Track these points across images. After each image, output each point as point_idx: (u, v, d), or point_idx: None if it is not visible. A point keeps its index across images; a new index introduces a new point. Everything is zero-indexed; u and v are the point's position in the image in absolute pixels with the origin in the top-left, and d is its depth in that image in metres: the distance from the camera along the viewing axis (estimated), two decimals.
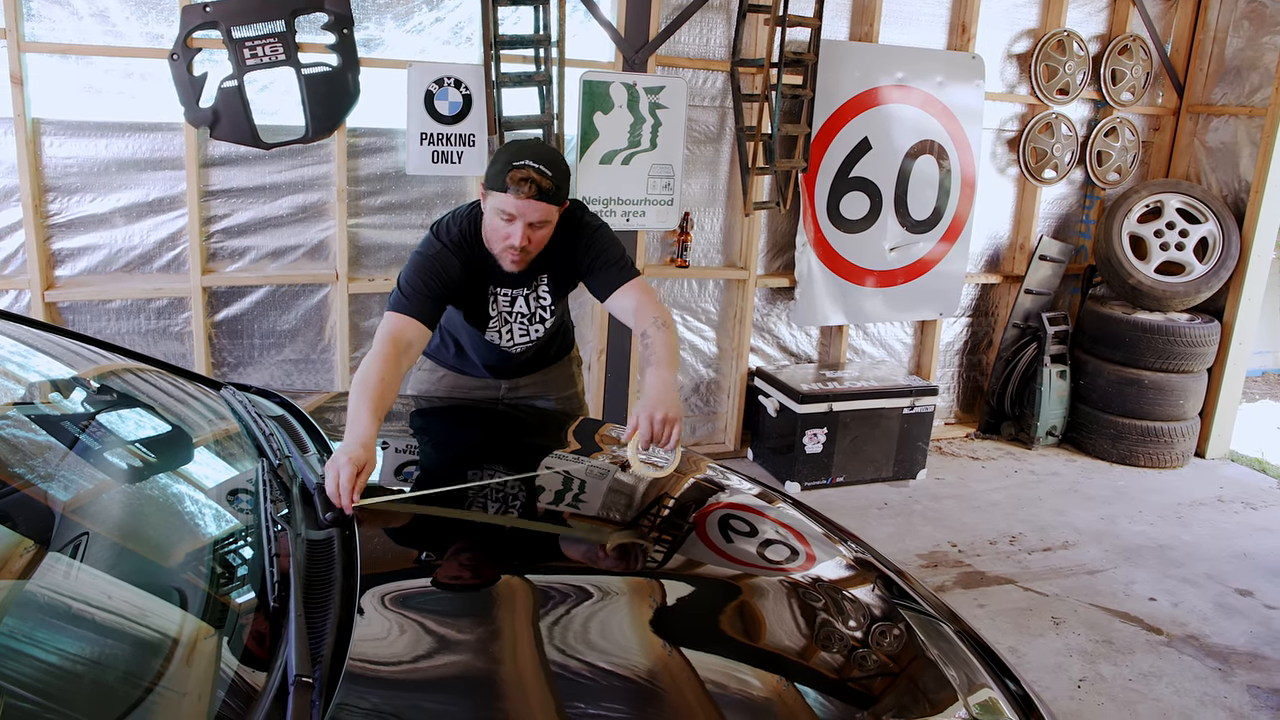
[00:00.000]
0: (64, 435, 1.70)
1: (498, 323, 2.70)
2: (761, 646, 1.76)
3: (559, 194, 2.39)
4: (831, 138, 4.74)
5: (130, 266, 3.85)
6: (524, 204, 2.35)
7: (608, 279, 2.58)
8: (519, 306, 2.69)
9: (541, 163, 2.36)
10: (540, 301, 2.69)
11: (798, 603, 1.94)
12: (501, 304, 2.67)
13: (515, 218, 2.38)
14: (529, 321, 2.72)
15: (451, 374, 2.94)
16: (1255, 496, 5.04)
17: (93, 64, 3.62)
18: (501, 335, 2.73)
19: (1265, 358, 7.65)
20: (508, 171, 2.34)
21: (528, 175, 2.33)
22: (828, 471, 4.77)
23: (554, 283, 2.68)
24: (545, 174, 2.35)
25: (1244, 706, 3.20)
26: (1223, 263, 5.25)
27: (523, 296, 2.67)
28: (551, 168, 2.37)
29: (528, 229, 2.39)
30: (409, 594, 1.61)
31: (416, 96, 3.96)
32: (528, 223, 2.38)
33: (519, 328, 2.73)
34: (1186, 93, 5.57)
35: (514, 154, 2.37)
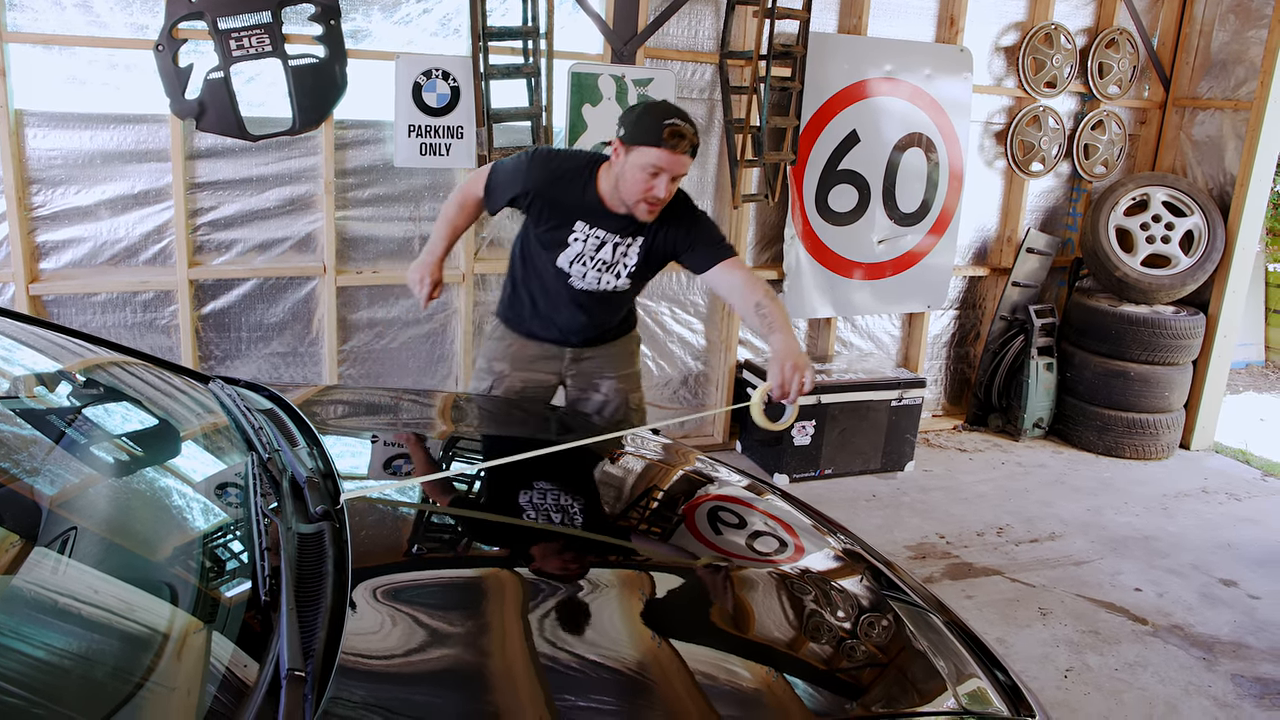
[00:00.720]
0: (50, 429, 1.68)
1: (573, 254, 2.85)
2: (751, 638, 1.77)
3: (695, 151, 2.64)
4: (820, 130, 4.75)
5: (116, 259, 3.82)
6: (675, 158, 2.59)
7: (712, 254, 2.79)
8: (603, 253, 2.84)
9: (684, 119, 2.60)
10: (625, 259, 2.85)
11: (787, 594, 1.95)
12: (587, 243, 2.84)
13: (662, 171, 2.60)
14: (605, 269, 2.86)
15: (519, 340, 3.08)
16: (1239, 487, 5.08)
17: (76, 55, 3.59)
18: (573, 268, 2.87)
19: (1249, 350, 7.71)
20: (662, 128, 2.56)
21: (682, 131, 2.57)
22: (816, 464, 4.78)
23: (645, 250, 2.84)
24: (690, 130, 2.60)
25: (1228, 695, 3.23)
26: (1208, 256, 5.28)
27: (611, 244, 2.83)
28: (691, 124, 2.61)
29: (670, 183, 2.63)
30: (401, 587, 1.61)
31: (404, 88, 3.95)
32: (671, 176, 2.62)
33: (594, 272, 2.86)
34: (1173, 86, 5.59)
35: (661, 112, 2.61)
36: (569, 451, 2.45)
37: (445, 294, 4.35)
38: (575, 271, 2.88)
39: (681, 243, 2.81)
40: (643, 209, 2.70)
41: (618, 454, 2.53)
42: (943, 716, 1.69)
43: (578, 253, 2.85)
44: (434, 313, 4.36)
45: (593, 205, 2.79)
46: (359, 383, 4.30)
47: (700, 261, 2.81)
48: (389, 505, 1.90)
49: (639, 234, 2.81)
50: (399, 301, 4.29)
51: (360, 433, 2.40)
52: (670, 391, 4.97)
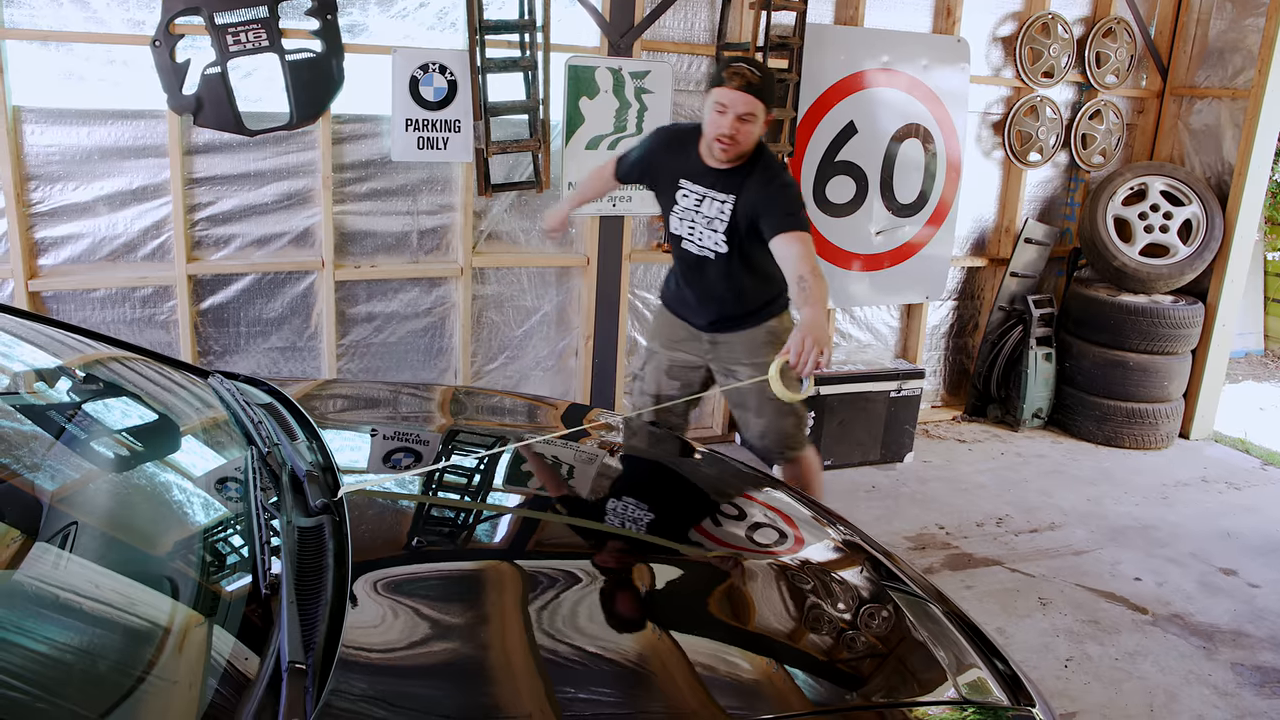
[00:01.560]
0: (50, 425, 1.69)
1: (681, 211, 3.12)
2: (750, 629, 1.77)
3: (764, 91, 2.85)
4: (817, 122, 4.74)
5: (114, 255, 3.82)
6: (734, 95, 2.82)
7: (779, 222, 2.92)
8: (703, 208, 3.07)
9: (752, 65, 2.88)
10: (722, 215, 3.04)
11: (787, 586, 1.95)
12: (689, 198, 3.09)
13: (727, 109, 2.85)
14: (708, 226, 3.07)
15: (667, 316, 3.40)
16: (1238, 476, 5.09)
17: (73, 51, 3.59)
18: (682, 227, 3.14)
19: (1248, 339, 7.71)
20: (724, 68, 2.86)
21: (739, 70, 2.83)
22: None
23: (737, 207, 3.01)
24: (754, 71, 2.84)
25: (1228, 684, 3.24)
26: (1206, 245, 5.28)
27: (709, 199, 3.05)
28: (759, 69, 2.87)
29: (736, 121, 2.85)
30: (401, 580, 1.61)
31: (401, 82, 3.94)
32: (737, 115, 2.84)
33: (701, 227, 3.10)
34: (1170, 75, 5.58)
35: (733, 58, 2.94)
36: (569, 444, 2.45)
37: (444, 287, 4.35)
38: (685, 233, 3.14)
39: (760, 205, 2.95)
40: (717, 149, 2.92)
41: (618, 445, 2.54)
42: (943, 706, 1.70)
43: (684, 209, 3.11)
44: (433, 306, 4.36)
45: (695, 163, 3.06)
46: (358, 377, 4.30)
47: (768, 227, 2.93)
48: (389, 498, 1.90)
49: (731, 191, 3.00)
50: (398, 295, 4.30)
51: (360, 426, 2.40)
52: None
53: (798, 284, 2.84)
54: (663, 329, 3.43)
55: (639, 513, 2.14)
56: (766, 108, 2.89)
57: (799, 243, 2.89)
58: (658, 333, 3.47)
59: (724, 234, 3.05)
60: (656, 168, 3.19)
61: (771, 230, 2.92)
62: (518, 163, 4.29)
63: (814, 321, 2.69)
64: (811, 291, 2.78)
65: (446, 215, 4.30)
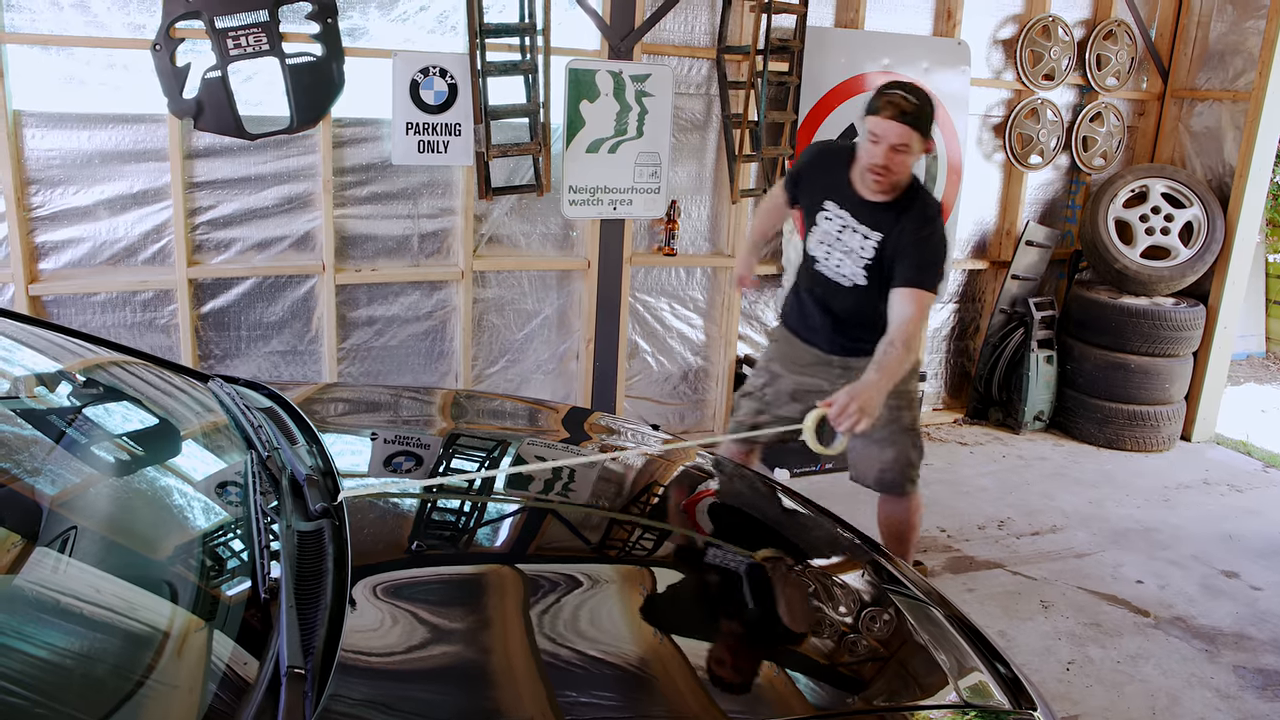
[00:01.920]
0: (50, 429, 1.68)
1: (821, 234, 3.02)
2: (752, 633, 1.77)
3: (919, 120, 2.70)
4: (818, 124, 4.74)
5: (115, 259, 3.82)
6: (887, 125, 2.70)
7: (910, 275, 2.80)
8: (846, 237, 2.96)
9: (908, 92, 2.72)
10: (864, 251, 2.92)
11: (789, 589, 1.95)
12: (832, 223, 2.99)
13: (880, 139, 2.73)
14: (848, 256, 2.97)
15: (790, 339, 3.26)
16: (1240, 479, 5.08)
17: (74, 55, 3.59)
18: (819, 249, 3.04)
19: (1250, 341, 7.70)
20: (879, 97, 2.73)
21: (893, 98, 2.70)
22: (816, 458, 4.77)
23: (884, 246, 2.88)
24: (909, 100, 2.70)
25: (1230, 687, 3.23)
26: (1207, 247, 5.27)
27: (853, 230, 2.94)
28: (915, 95, 2.72)
29: (890, 151, 2.72)
30: (401, 584, 1.61)
31: (402, 86, 3.94)
32: (890, 145, 2.71)
33: (840, 255, 2.99)
34: (1171, 77, 5.58)
35: (887, 85, 2.77)
36: (568, 450, 2.45)
37: (444, 291, 4.35)
38: (820, 255, 3.04)
39: (901, 251, 2.83)
40: (870, 179, 2.81)
41: (620, 449, 2.53)
42: (944, 710, 1.70)
43: (825, 233, 3.01)
44: (433, 310, 4.36)
45: (844, 188, 2.94)
46: (359, 380, 4.30)
47: (898, 274, 2.82)
48: (389, 502, 1.90)
49: (879, 229, 2.88)
50: (398, 299, 4.29)
51: (360, 430, 2.40)
52: (670, 387, 4.97)
53: (886, 344, 2.75)
54: (785, 352, 3.28)
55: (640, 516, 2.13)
56: (923, 137, 2.74)
57: (915, 305, 2.78)
58: (779, 355, 3.29)
59: (864, 269, 2.95)
60: (805, 184, 3.10)
61: (899, 279, 2.81)
62: (518, 166, 4.29)
63: (871, 386, 2.63)
64: (890, 359, 2.70)
65: (447, 219, 4.30)
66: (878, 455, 3.17)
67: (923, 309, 2.81)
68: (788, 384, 3.22)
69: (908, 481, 3.20)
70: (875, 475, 3.21)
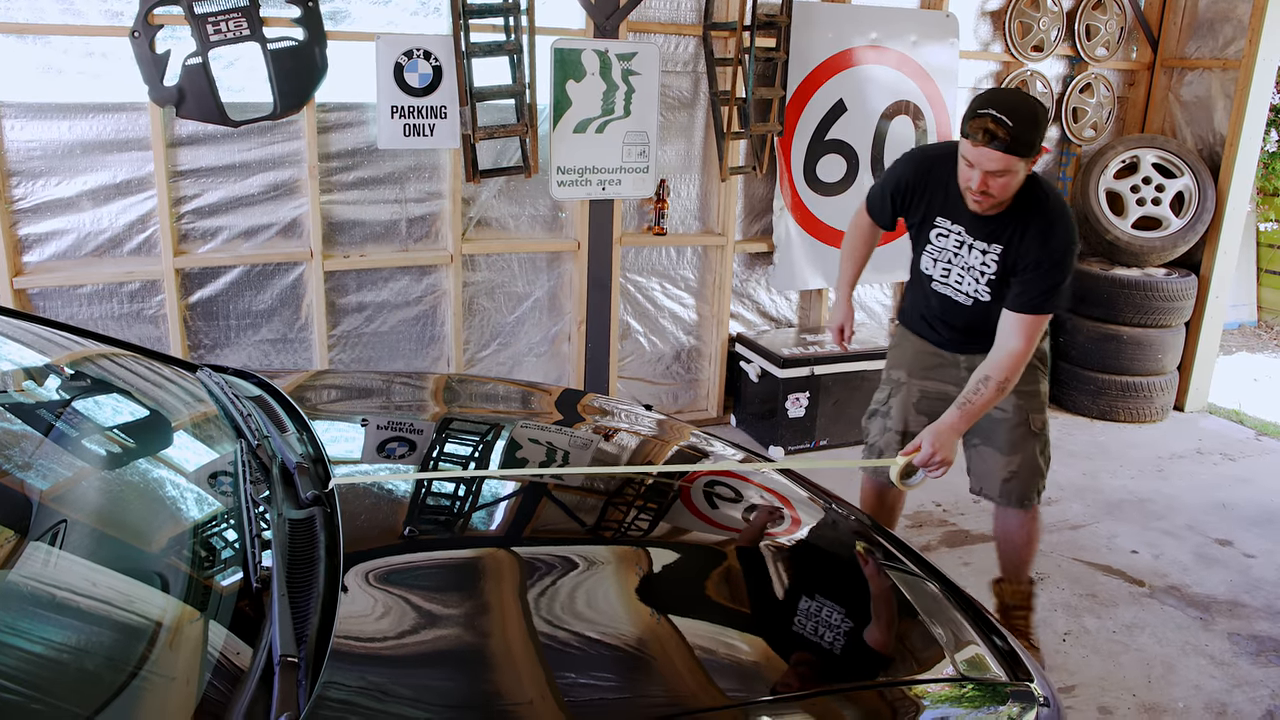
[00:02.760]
0: (39, 423, 1.67)
1: (934, 254, 2.80)
2: (748, 611, 1.77)
3: (1017, 145, 2.39)
4: (806, 100, 4.71)
5: (100, 250, 3.79)
6: (978, 152, 2.43)
7: (1021, 292, 2.60)
8: (964, 254, 2.73)
9: (1004, 111, 2.38)
10: (986, 266, 2.69)
11: (784, 566, 1.94)
12: (948, 239, 2.75)
13: (974, 165, 2.47)
14: (968, 273, 2.74)
15: (913, 340, 3.03)
16: (1233, 448, 5.10)
17: (51, 43, 3.54)
18: (935, 269, 2.82)
19: (1241, 311, 7.72)
20: (970, 118, 2.44)
21: (983, 125, 2.39)
22: (811, 435, 4.78)
23: (1005, 258, 2.64)
24: (1003, 123, 2.38)
25: (1224, 654, 3.24)
26: (1199, 217, 5.27)
27: (970, 246, 2.71)
28: (1013, 116, 2.38)
29: (985, 176, 2.46)
30: (393, 570, 1.60)
31: (386, 69, 3.90)
32: (985, 170, 2.45)
33: (959, 273, 2.76)
34: (1161, 47, 5.56)
35: (981, 102, 2.44)
36: (563, 430, 2.44)
37: (434, 275, 4.33)
38: (938, 275, 2.82)
39: (1021, 263, 2.60)
40: (969, 200, 2.58)
41: (613, 430, 2.53)
42: (941, 684, 1.70)
43: (939, 250, 2.78)
44: (423, 295, 4.34)
45: (955, 201, 2.67)
46: (350, 367, 4.28)
47: (1013, 293, 2.62)
48: (382, 488, 1.89)
49: (998, 241, 2.64)
50: (388, 284, 4.27)
51: (352, 417, 2.38)
52: (663, 367, 4.96)
53: (980, 379, 2.60)
54: (907, 355, 3.04)
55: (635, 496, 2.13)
56: (1025, 158, 2.44)
57: (1024, 337, 2.58)
58: (901, 360, 3.06)
59: (987, 285, 2.71)
60: (913, 195, 2.80)
61: (1013, 300, 2.60)
62: (505, 148, 4.26)
63: (950, 430, 2.57)
64: (979, 400, 2.58)
65: (435, 203, 4.27)
66: (1003, 462, 2.93)
67: (1032, 339, 2.60)
68: (913, 392, 3.01)
69: (1035, 492, 2.95)
70: (999, 485, 2.95)
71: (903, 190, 2.81)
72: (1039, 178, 2.62)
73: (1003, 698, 1.71)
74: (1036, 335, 2.61)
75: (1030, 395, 2.87)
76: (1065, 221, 2.58)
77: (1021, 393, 2.85)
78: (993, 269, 2.67)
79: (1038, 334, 2.62)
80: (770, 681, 1.58)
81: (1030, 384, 2.86)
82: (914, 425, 2.96)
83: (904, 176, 2.81)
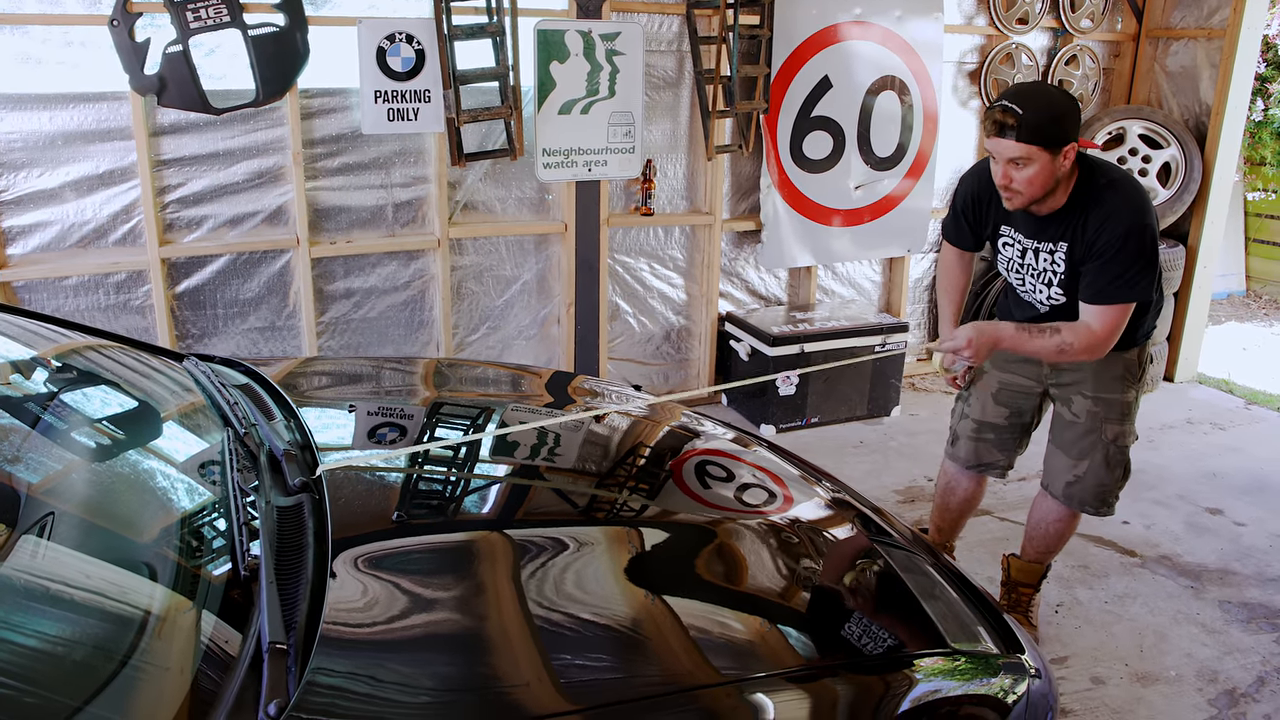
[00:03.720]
0: (26, 416, 1.66)
1: (1007, 262, 2.81)
2: (743, 590, 1.77)
3: (1029, 131, 2.40)
4: (791, 77, 4.70)
5: (85, 241, 3.77)
6: (992, 143, 2.48)
7: (1092, 283, 2.54)
8: (1030, 260, 2.72)
9: (1015, 100, 2.42)
10: (1055, 267, 2.65)
11: (777, 545, 1.95)
12: (1014, 248, 2.76)
13: (996, 158, 2.51)
14: (1038, 279, 2.72)
15: None
16: (1223, 417, 5.12)
17: (29, 33, 3.51)
18: (1013, 277, 2.82)
19: (1230, 280, 7.74)
20: (987, 112, 2.49)
21: (994, 115, 2.45)
22: (802, 413, 4.79)
23: (1072, 255, 2.59)
24: (1012, 111, 2.40)
25: (1215, 622, 3.27)
26: (1186, 187, 5.27)
27: (1033, 250, 2.69)
28: (1024, 104, 2.40)
29: (1008, 166, 2.48)
30: (382, 555, 1.60)
31: (368, 54, 3.87)
32: (1006, 159, 2.47)
33: (1031, 280, 2.75)
34: (1146, 17, 5.55)
35: (998, 96, 2.51)
36: (553, 413, 2.44)
37: (421, 260, 4.31)
38: (1015, 282, 2.82)
39: (1089, 255, 2.53)
40: (1003, 198, 2.57)
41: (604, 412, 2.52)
42: (933, 657, 1.71)
43: (1009, 260, 2.78)
44: (411, 280, 4.32)
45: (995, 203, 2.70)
46: (339, 353, 4.27)
47: (1087, 285, 2.56)
48: (371, 474, 1.88)
49: (1062, 239, 2.59)
50: (375, 270, 4.25)
51: (341, 403, 2.38)
52: (653, 348, 4.96)
53: (1053, 327, 2.57)
54: (998, 359, 2.98)
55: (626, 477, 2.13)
56: (1044, 147, 2.41)
57: (1103, 324, 2.53)
58: (995, 360, 3.00)
59: (1060, 288, 2.67)
60: (977, 213, 2.81)
61: (1085, 291, 2.56)
62: (490, 131, 4.23)
63: (995, 338, 2.59)
64: (1039, 338, 2.57)
65: (421, 187, 4.25)
66: (1070, 465, 2.87)
67: (1111, 328, 2.54)
68: (992, 383, 2.99)
69: (1100, 504, 2.89)
70: (1063, 486, 2.90)
71: (970, 206, 2.82)
72: (1100, 167, 2.56)
73: (994, 670, 1.72)
74: (1115, 325, 2.54)
75: (1109, 404, 2.80)
76: (1131, 206, 2.49)
77: (1100, 399, 2.79)
78: (1062, 268, 2.62)
79: (1117, 324, 2.54)
80: (763, 658, 1.58)
81: (1112, 391, 2.79)
82: (991, 415, 3.01)
83: (968, 192, 2.82)
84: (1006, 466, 3.10)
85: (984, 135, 2.53)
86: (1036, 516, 3.05)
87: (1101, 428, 2.81)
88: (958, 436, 3.11)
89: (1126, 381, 2.80)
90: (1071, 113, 2.46)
